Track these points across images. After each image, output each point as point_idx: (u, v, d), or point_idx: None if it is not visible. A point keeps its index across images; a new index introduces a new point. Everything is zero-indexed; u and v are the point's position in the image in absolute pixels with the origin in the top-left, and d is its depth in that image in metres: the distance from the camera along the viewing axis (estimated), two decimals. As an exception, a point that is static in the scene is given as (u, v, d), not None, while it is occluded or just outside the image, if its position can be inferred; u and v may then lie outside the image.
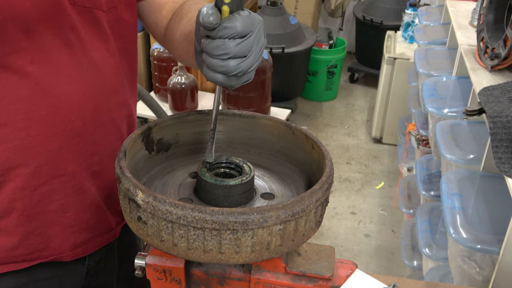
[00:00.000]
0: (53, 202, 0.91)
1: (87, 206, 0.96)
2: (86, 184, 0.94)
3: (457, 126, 1.74)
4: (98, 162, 0.95)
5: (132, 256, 0.85)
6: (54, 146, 0.87)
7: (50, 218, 0.92)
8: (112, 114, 0.95)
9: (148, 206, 0.69)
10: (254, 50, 0.70)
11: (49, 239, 0.94)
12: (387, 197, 3.17)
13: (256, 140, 0.95)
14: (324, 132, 3.88)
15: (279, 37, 3.54)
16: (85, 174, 0.93)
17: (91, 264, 1.04)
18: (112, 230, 1.05)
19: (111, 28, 0.92)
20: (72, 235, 0.96)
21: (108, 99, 0.93)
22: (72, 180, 0.91)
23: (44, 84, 0.83)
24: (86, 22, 0.87)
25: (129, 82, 1.01)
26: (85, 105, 0.88)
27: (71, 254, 0.98)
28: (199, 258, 0.71)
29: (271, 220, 0.68)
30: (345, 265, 0.86)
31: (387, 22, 4.08)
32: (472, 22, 2.12)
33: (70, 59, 0.85)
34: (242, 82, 0.73)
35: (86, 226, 0.98)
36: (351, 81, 4.65)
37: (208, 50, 0.70)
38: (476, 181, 1.49)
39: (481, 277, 1.36)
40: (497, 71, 1.65)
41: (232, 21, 0.68)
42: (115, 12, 0.92)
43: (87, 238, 0.99)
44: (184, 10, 0.96)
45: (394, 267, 2.65)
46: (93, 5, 0.87)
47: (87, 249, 1.00)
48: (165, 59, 2.96)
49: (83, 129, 0.89)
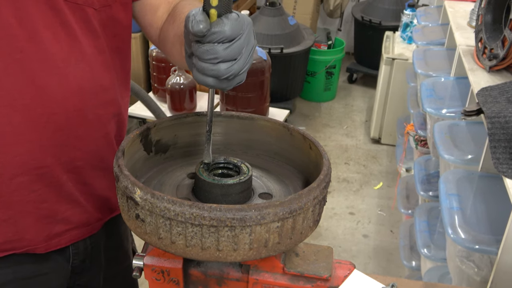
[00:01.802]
0: (30, 192, 0.91)
1: (63, 198, 0.96)
2: (63, 178, 0.94)
3: (455, 127, 1.74)
4: (80, 158, 0.95)
5: (119, 257, 0.85)
6: (35, 136, 0.87)
7: (25, 208, 0.92)
8: (98, 111, 0.95)
9: (146, 203, 0.69)
10: (244, 52, 0.71)
11: (24, 230, 0.94)
12: (386, 197, 3.17)
13: (254, 142, 0.96)
14: (322, 133, 3.88)
15: (277, 38, 3.54)
16: (65, 168, 0.93)
17: (76, 263, 1.05)
18: (90, 225, 1.04)
19: (103, 26, 0.92)
20: (47, 227, 0.96)
21: (95, 95, 0.93)
22: (50, 172, 0.91)
23: (30, 73, 0.84)
24: (78, 19, 0.87)
25: (120, 81, 1.01)
26: (70, 98, 0.88)
27: (45, 246, 0.98)
28: (197, 256, 0.71)
29: (268, 217, 0.69)
30: (343, 265, 0.86)
31: (385, 23, 4.08)
32: (471, 22, 2.12)
33: (59, 52, 0.86)
34: (233, 84, 0.73)
35: (61, 218, 0.98)
36: (350, 82, 4.66)
37: (198, 54, 0.70)
38: (474, 181, 1.49)
39: (479, 277, 1.36)
40: (495, 71, 1.66)
41: (220, 26, 0.68)
42: (109, 11, 0.93)
43: (61, 231, 0.99)
44: (177, 11, 0.96)
45: (392, 267, 2.65)
46: (85, 2, 0.88)
47: (61, 241, 1.00)
48: (164, 60, 2.96)
49: (67, 123, 0.89)
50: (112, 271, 1.14)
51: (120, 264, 1.06)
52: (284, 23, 3.61)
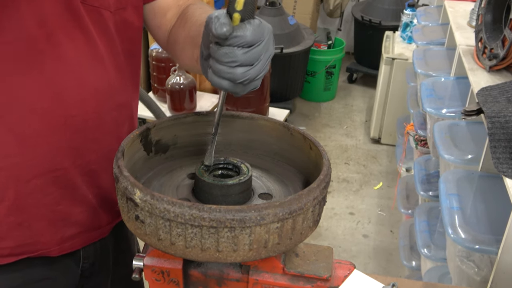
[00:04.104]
0: (46, 195, 0.91)
1: (77, 201, 0.96)
2: (78, 181, 0.94)
3: (455, 127, 1.74)
4: (95, 161, 0.95)
5: (127, 259, 0.85)
6: (53, 139, 0.87)
7: (40, 211, 0.92)
8: (113, 113, 0.95)
9: (146, 204, 0.69)
10: (262, 58, 0.71)
11: (38, 233, 0.94)
12: (386, 197, 3.17)
13: (254, 142, 0.95)
14: (322, 133, 3.88)
15: (277, 38, 3.54)
16: (80, 170, 0.93)
17: (85, 266, 1.04)
18: (101, 228, 1.04)
19: (117, 30, 0.93)
20: (60, 230, 0.96)
21: (111, 98, 0.93)
22: (65, 175, 0.91)
23: (49, 76, 0.84)
24: (94, 21, 0.88)
25: (131, 84, 1.01)
26: (87, 101, 0.89)
27: (58, 248, 0.98)
28: (197, 257, 0.71)
29: (268, 218, 0.69)
30: (343, 265, 0.86)
31: (385, 23, 4.08)
32: (471, 22, 2.12)
33: (76, 55, 0.86)
34: (248, 89, 0.74)
35: (75, 220, 0.98)
36: (350, 82, 4.66)
37: (216, 56, 0.70)
38: (474, 181, 1.49)
39: (479, 277, 1.36)
40: (496, 71, 1.65)
41: (242, 30, 0.68)
42: (122, 14, 0.93)
43: (74, 233, 0.99)
44: (188, 14, 0.96)
45: (392, 267, 2.65)
46: (101, 5, 0.88)
47: (74, 244, 1.00)
48: (164, 60, 2.96)
49: (85, 126, 0.90)
50: (119, 274, 1.13)
51: (127, 267, 1.05)
52: (284, 23, 3.61)
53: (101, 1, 0.88)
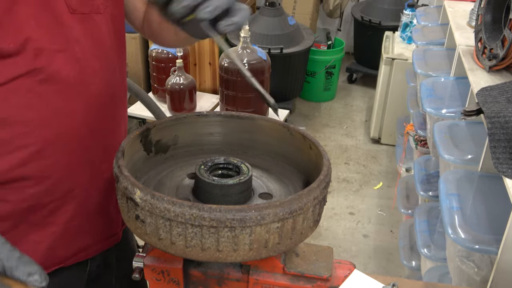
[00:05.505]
0: (62, 214, 0.90)
1: (93, 213, 0.95)
2: (93, 193, 0.93)
3: (455, 127, 1.74)
4: (106, 169, 0.94)
5: (129, 256, 0.85)
6: (66, 162, 0.86)
7: (57, 229, 0.91)
8: (116, 118, 0.95)
9: (146, 204, 0.69)
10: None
11: (55, 250, 0.92)
12: (386, 197, 3.17)
13: (254, 142, 0.95)
14: (322, 133, 3.88)
15: (277, 38, 3.54)
16: (95, 184, 0.93)
17: (93, 269, 1.04)
18: (115, 234, 1.05)
19: (108, 29, 0.91)
20: (76, 242, 0.95)
21: (111, 100, 0.92)
22: (82, 192, 0.91)
23: (55, 103, 0.82)
24: (87, 31, 0.85)
25: (122, 82, 1.00)
26: (90, 118, 0.87)
27: (73, 259, 0.97)
28: (197, 257, 0.71)
29: (268, 218, 0.69)
30: (343, 265, 0.86)
31: (385, 23, 4.08)
32: (470, 22, 2.12)
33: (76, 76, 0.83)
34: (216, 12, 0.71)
35: (90, 230, 0.97)
36: (350, 82, 4.66)
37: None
38: (474, 181, 1.49)
39: (479, 277, 1.36)
40: (495, 71, 1.66)
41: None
42: (109, 10, 0.91)
43: (89, 243, 0.98)
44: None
45: (392, 267, 2.65)
46: (91, 10, 0.85)
47: (88, 253, 1.00)
48: (164, 60, 2.96)
49: (93, 141, 0.89)
50: (122, 271, 1.13)
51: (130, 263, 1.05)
52: (284, 23, 3.61)
53: (90, 6, 0.85)
